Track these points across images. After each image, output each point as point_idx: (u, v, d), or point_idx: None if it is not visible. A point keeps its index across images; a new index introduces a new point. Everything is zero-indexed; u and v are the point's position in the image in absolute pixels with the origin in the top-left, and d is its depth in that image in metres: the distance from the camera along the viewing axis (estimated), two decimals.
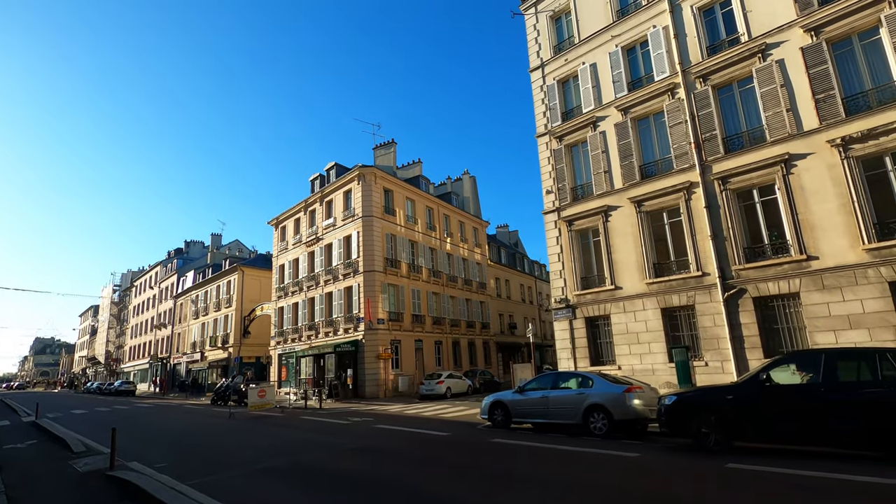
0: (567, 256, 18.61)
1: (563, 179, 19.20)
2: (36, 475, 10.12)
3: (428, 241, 34.42)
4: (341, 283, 30.13)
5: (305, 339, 32.25)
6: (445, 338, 33.81)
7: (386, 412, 18.71)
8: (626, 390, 10.45)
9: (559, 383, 11.86)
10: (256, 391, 18.50)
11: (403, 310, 30.31)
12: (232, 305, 43.39)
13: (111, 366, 72.92)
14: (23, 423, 22.35)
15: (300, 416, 17.90)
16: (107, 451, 12.38)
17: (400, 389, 28.13)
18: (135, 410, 25.68)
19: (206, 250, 63.69)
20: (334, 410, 19.97)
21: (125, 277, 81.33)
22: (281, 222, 37.71)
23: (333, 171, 34.26)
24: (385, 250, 29.94)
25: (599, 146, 18.24)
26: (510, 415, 12.39)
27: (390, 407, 20.94)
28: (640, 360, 16.00)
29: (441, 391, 25.64)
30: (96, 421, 20.84)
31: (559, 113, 19.90)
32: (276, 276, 37.14)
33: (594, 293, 17.63)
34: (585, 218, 18.27)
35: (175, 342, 53.54)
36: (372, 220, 29.50)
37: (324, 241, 32.50)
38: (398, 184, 32.57)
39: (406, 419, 16.01)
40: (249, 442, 12.14)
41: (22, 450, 13.87)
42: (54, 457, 12.02)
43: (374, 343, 27.50)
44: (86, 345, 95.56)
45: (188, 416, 20.96)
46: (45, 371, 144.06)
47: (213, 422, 17.26)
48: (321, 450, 10.41)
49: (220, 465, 9.37)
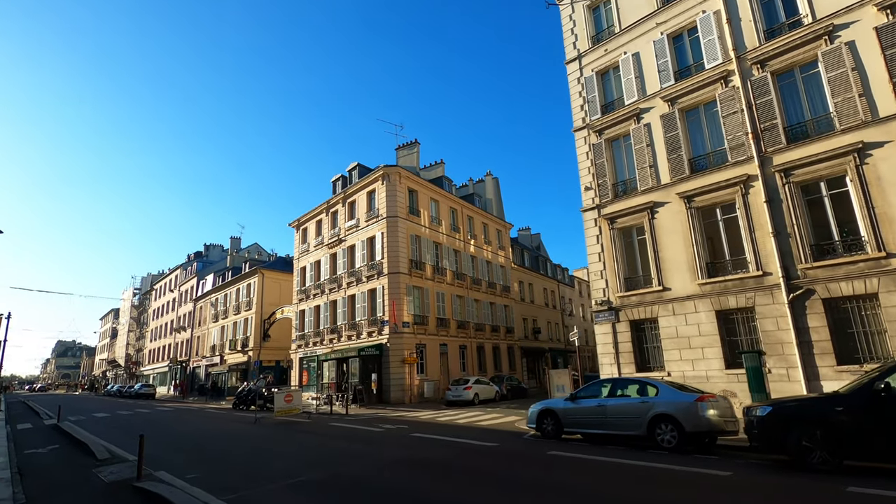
0: (609, 256, 17.58)
1: (604, 175, 18.20)
2: (58, 484, 9.44)
3: (452, 243, 33.57)
4: (364, 286, 29.40)
5: (327, 342, 31.55)
6: (470, 342, 32.84)
7: (417, 419, 17.81)
8: (697, 399, 9.41)
9: (617, 391, 10.86)
10: (283, 396, 17.74)
11: (428, 313, 29.45)
12: (252, 308, 42.99)
13: (131, 368, 73.29)
14: (45, 427, 21.95)
15: (328, 422, 17.09)
16: (132, 458, 11.71)
17: (426, 395, 27.20)
18: (157, 414, 25.18)
19: (225, 253, 63.73)
20: (362, 417, 19.13)
21: (145, 281, 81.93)
22: (302, 224, 37.20)
23: (356, 172, 33.66)
24: (410, 252, 29.15)
25: (644, 139, 17.22)
26: (561, 424, 11.41)
27: (420, 413, 20.03)
28: (692, 366, 14.87)
29: (469, 397, 24.71)
30: (119, 425, 20.31)
31: (598, 106, 18.94)
32: (297, 278, 36.59)
33: (639, 294, 16.56)
34: (629, 215, 17.23)
35: (194, 345, 53.40)
36: (396, 220, 28.75)
37: (346, 242, 31.85)
38: (422, 184, 31.82)
39: (441, 427, 15.09)
40: (281, 450, 11.34)
41: (43, 455, 13.27)
42: (77, 464, 11.37)
43: (400, 347, 26.66)
44: (106, 347, 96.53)
45: (212, 421, 20.30)
46: (67, 373, 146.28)
47: (240, 428, 16.54)
48: (361, 461, 9.56)
49: (254, 477, 8.56)
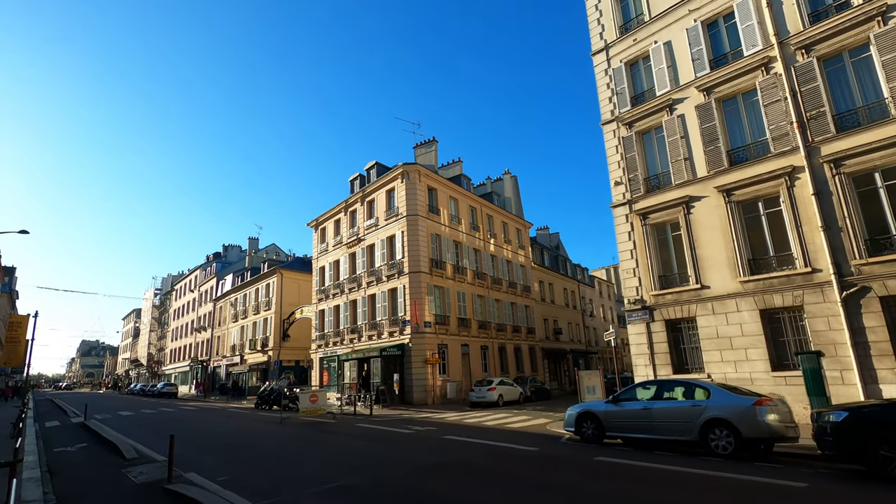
0: (641, 253, 16.96)
1: (635, 169, 17.58)
2: (88, 484, 9.23)
3: (472, 242, 33.10)
4: (385, 285, 29.10)
5: (348, 342, 31.33)
6: (491, 343, 32.32)
7: (444, 420, 17.39)
8: (756, 403, 8.81)
9: (663, 393, 10.28)
10: (308, 396, 17.48)
11: (449, 313, 29.02)
12: (271, 308, 43.06)
13: (153, 368, 74.27)
14: (72, 424, 22.06)
15: (354, 423, 16.76)
16: (161, 458, 11.49)
17: (448, 396, 26.77)
18: (181, 413, 25.18)
19: (243, 254, 64.14)
20: (388, 417, 18.77)
21: (165, 281, 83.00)
22: (321, 224, 37.08)
23: (374, 171, 33.39)
24: (430, 250, 28.76)
25: (677, 131, 16.57)
26: (603, 428, 10.87)
27: (445, 415, 19.60)
28: (735, 367, 14.20)
29: (493, 399, 24.21)
30: (144, 424, 20.28)
31: (628, 98, 18.32)
32: (317, 278, 36.47)
33: (675, 293, 15.91)
34: (662, 210, 16.60)
35: (215, 345, 53.78)
36: (417, 219, 28.38)
37: (365, 241, 31.60)
38: (442, 182, 31.42)
39: (471, 429, 14.65)
40: (313, 452, 11.01)
41: (72, 454, 13.16)
42: (106, 463, 11.19)
43: (422, 347, 26.28)
44: (128, 347, 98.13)
45: (237, 420, 20.14)
46: (91, 372, 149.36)
47: (266, 428, 16.30)
48: (398, 465, 9.15)
49: (288, 481, 8.22)
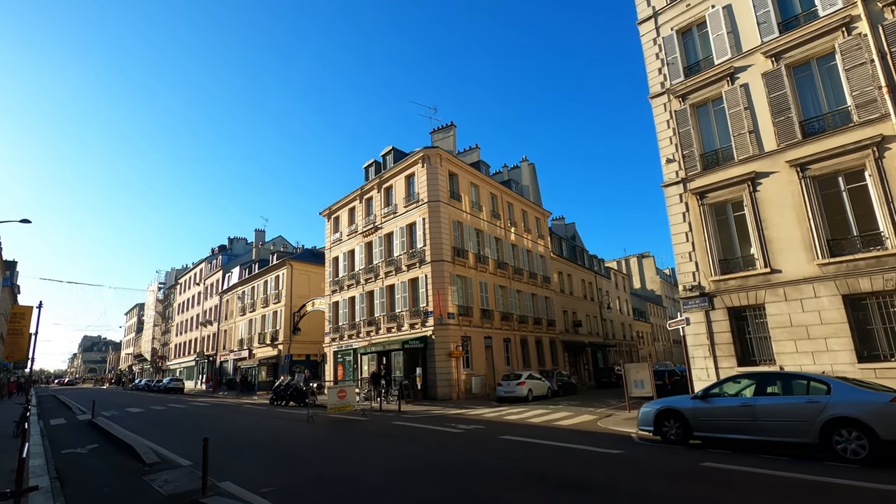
0: (698, 235, 15.58)
1: (690, 145, 16.16)
2: (106, 497, 7.89)
3: (493, 231, 31.72)
4: (405, 275, 27.74)
5: (364, 335, 30.02)
6: (514, 335, 31.02)
7: (483, 417, 16.08)
8: (894, 399, 7.45)
9: (766, 388, 8.93)
10: (336, 391, 16.18)
11: (472, 304, 27.69)
12: (281, 301, 41.74)
13: (157, 363, 73.13)
14: (79, 422, 20.75)
15: (390, 421, 15.44)
16: (186, 462, 10.15)
17: (473, 391, 25.50)
18: (194, 410, 23.90)
19: (249, 247, 62.80)
20: (419, 414, 17.45)
21: (169, 275, 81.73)
22: (334, 212, 35.68)
23: (391, 156, 31.96)
24: (452, 238, 27.38)
25: (740, 102, 15.14)
26: (689, 428, 9.53)
27: (481, 411, 18.29)
28: (813, 359, 12.85)
29: (522, 393, 22.94)
30: (156, 422, 18.97)
31: (680, 68, 16.87)
32: (330, 269, 35.10)
33: (740, 278, 14.55)
34: (723, 189, 15.20)
35: (221, 339, 52.53)
36: (438, 205, 26.98)
37: (383, 230, 30.20)
38: (463, 167, 29.99)
39: (523, 428, 13.34)
40: (363, 457, 9.66)
41: (83, 456, 11.82)
42: (123, 469, 9.85)
43: (445, 339, 24.96)
44: (131, 342, 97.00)
45: (257, 417, 18.82)
46: (93, 368, 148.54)
47: (294, 427, 14.97)
48: (474, 475, 7.77)
49: (352, 494, 6.87)
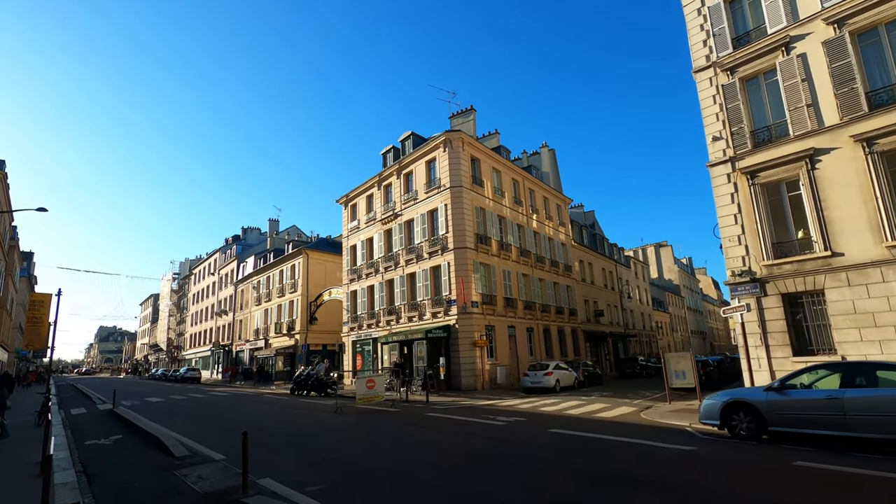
0: (749, 217, 14.62)
1: (739, 121, 15.15)
2: (137, 493, 7.27)
3: (515, 217, 30.84)
4: (426, 263, 27.02)
5: (384, 324, 29.43)
6: (536, 324, 30.25)
7: (517, 409, 15.38)
8: None
9: (854, 379, 8.08)
10: (364, 381, 15.55)
11: (495, 292, 26.92)
12: (297, 290, 41.31)
13: (172, 353, 73.51)
14: (99, 412, 20.41)
15: (421, 411, 14.80)
16: (218, 456, 9.53)
17: (498, 381, 24.83)
18: (214, 400, 23.52)
19: (263, 237, 62.49)
20: (450, 405, 16.80)
21: (183, 265, 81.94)
22: (351, 200, 34.98)
23: (410, 142, 31.12)
24: (475, 225, 26.57)
25: (797, 73, 14.08)
26: (764, 422, 8.72)
27: (512, 402, 17.60)
28: (881, 348, 11.93)
29: (550, 384, 22.26)
30: (178, 411, 18.54)
31: (728, 39, 15.80)
32: (348, 257, 34.49)
33: (795, 262, 13.60)
34: (777, 167, 14.20)
35: (237, 329, 52.40)
36: (461, 190, 26.15)
37: (403, 217, 29.46)
38: (485, 152, 29.07)
39: (565, 420, 12.63)
40: (408, 452, 8.96)
41: (108, 448, 11.29)
42: (152, 462, 9.27)
43: (469, 328, 24.26)
44: (147, 332, 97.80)
45: (281, 408, 18.28)
46: (109, 358, 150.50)
47: (323, 417, 14.37)
48: (548, 477, 7.00)
49: (405, 496, 6.18)
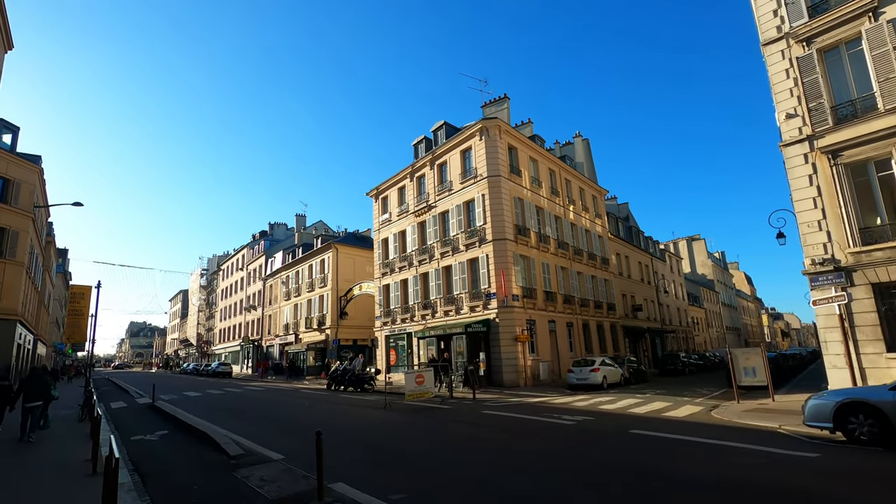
0: (831, 201, 13.38)
1: (818, 97, 13.87)
2: (197, 496, 6.67)
3: (553, 209, 29.78)
4: (463, 255, 26.22)
5: (419, 318, 28.77)
6: (576, 319, 29.20)
7: (573, 406, 14.48)
8: None
9: None
10: (413, 377, 14.87)
11: (535, 285, 25.97)
12: (327, 285, 41.01)
13: (202, 347, 74.51)
14: (139, 406, 20.24)
15: (474, 409, 14.03)
16: (276, 456, 8.84)
17: (541, 377, 23.93)
18: (252, 394, 23.22)
19: (290, 232, 62.61)
20: (499, 402, 15.99)
21: (211, 262, 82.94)
22: (382, 192, 34.38)
23: (442, 132, 30.31)
24: (513, 216, 25.64)
25: (888, 41, 12.76)
26: (891, 426, 7.66)
27: (567, 399, 16.69)
28: None
29: (597, 381, 21.25)
30: (220, 406, 18.17)
31: (804, 7, 14.51)
32: (379, 251, 33.93)
33: (887, 249, 12.35)
34: (864, 145, 12.93)
35: (266, 324, 52.57)
36: (499, 180, 25.23)
37: (437, 208, 28.69)
38: (522, 140, 28.08)
39: (636, 420, 11.70)
40: (481, 454, 8.19)
41: (155, 445, 10.81)
42: (206, 461, 8.68)
43: (510, 323, 23.40)
44: (176, 328, 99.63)
45: (327, 404, 17.70)
46: (140, 353, 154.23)
47: (373, 415, 13.70)
48: (669, 486, 6.18)
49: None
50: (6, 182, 26.92)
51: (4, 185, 26.89)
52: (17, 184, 27.39)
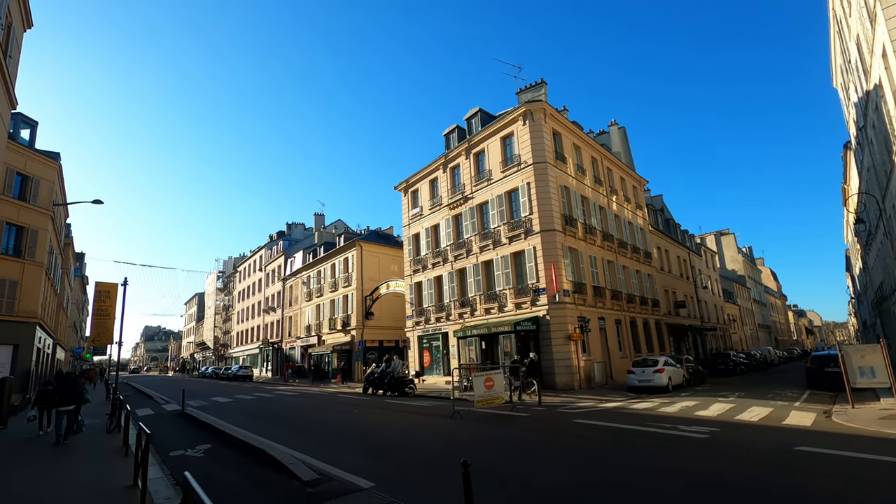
0: None
1: None
2: None
3: (597, 198, 27.91)
4: (505, 248, 24.45)
5: (456, 317, 27.03)
6: (623, 316, 27.29)
7: (667, 413, 12.65)
8: None
9: None
10: (482, 380, 13.14)
11: (584, 280, 24.13)
12: (351, 284, 39.43)
13: (219, 351, 73.42)
14: (168, 413, 18.68)
15: (561, 418, 12.21)
16: (362, 483, 7.07)
17: (596, 379, 22.10)
18: (288, 400, 21.62)
19: (308, 232, 61.30)
20: (578, 408, 14.20)
21: (227, 264, 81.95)
22: (411, 186, 32.74)
23: (477, 119, 28.61)
24: (561, 205, 23.84)
25: None
26: None
27: (648, 405, 14.84)
28: None
29: (662, 382, 19.46)
30: (257, 414, 16.56)
31: None
32: (410, 247, 32.27)
33: None
34: None
35: (286, 326, 51.16)
36: (546, 167, 23.45)
37: (474, 200, 26.96)
38: (567, 125, 26.27)
39: (763, 431, 9.84)
40: (623, 475, 6.44)
41: (202, 463, 9.12)
42: (275, 489, 6.96)
43: (562, 320, 21.60)
44: (192, 331, 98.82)
45: (377, 411, 16.02)
46: (155, 357, 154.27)
47: (442, 425, 11.93)
48: None
49: None
50: (25, 179, 25.67)
51: (23, 181, 25.64)
52: (36, 181, 26.14)
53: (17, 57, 15.38)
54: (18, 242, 24.86)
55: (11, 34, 14.13)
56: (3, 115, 14.88)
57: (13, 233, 24.95)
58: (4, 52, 13.64)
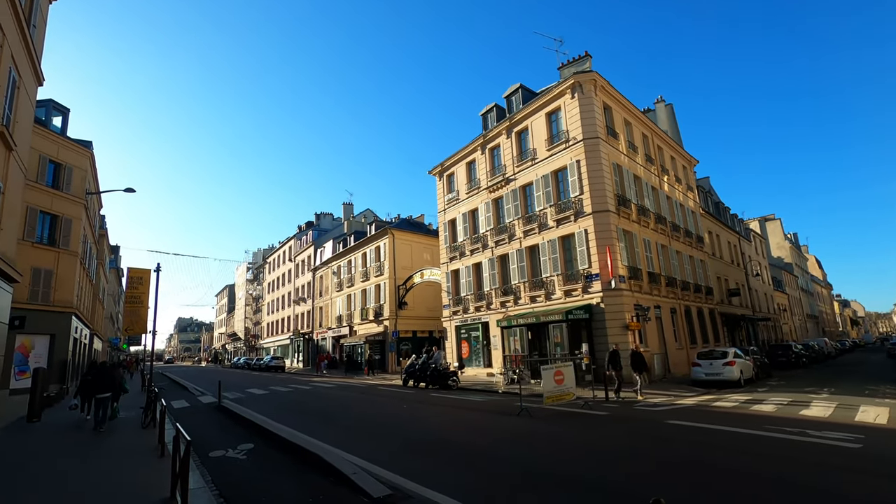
0: None
1: None
2: None
3: (649, 178, 25.91)
4: (552, 232, 22.80)
5: (497, 306, 25.56)
6: (678, 304, 25.36)
7: (773, 414, 10.95)
8: None
9: None
10: (552, 374, 11.68)
11: (639, 265, 22.32)
12: (384, 273, 38.35)
13: (250, 341, 73.89)
14: (204, 406, 17.78)
15: (649, 418, 10.65)
16: (442, 500, 5.94)
17: (655, 372, 20.38)
18: (326, 392, 20.60)
19: (337, 222, 60.57)
20: (657, 406, 12.59)
21: (257, 255, 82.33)
22: (447, 170, 31.26)
23: (518, 96, 26.86)
24: (613, 185, 22.02)
25: None
26: None
27: (735, 403, 13.13)
28: None
29: (733, 376, 17.72)
30: (297, 408, 15.46)
31: None
32: (445, 233, 30.87)
33: None
34: None
35: (317, 316, 50.61)
36: (597, 143, 21.64)
37: (517, 181, 25.32)
38: (618, 99, 24.31)
39: None
40: None
41: (247, 468, 7.79)
42: None
43: (618, 308, 19.92)
44: (223, 322, 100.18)
45: (427, 406, 14.71)
46: (188, 347, 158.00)
47: (507, 424, 10.51)
48: None
49: None
50: (58, 167, 25.24)
51: (56, 169, 25.22)
52: (69, 169, 25.70)
53: (43, 29, 14.47)
54: (53, 231, 24.46)
55: (35, 1, 13.18)
56: (29, 92, 14.04)
57: (47, 221, 24.56)
58: (28, 20, 12.71)
